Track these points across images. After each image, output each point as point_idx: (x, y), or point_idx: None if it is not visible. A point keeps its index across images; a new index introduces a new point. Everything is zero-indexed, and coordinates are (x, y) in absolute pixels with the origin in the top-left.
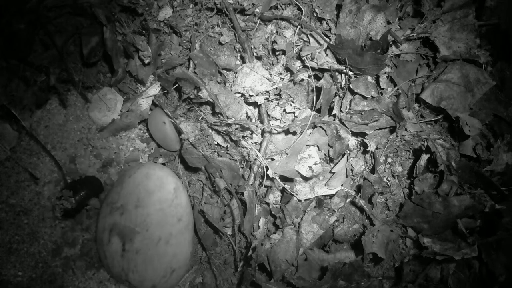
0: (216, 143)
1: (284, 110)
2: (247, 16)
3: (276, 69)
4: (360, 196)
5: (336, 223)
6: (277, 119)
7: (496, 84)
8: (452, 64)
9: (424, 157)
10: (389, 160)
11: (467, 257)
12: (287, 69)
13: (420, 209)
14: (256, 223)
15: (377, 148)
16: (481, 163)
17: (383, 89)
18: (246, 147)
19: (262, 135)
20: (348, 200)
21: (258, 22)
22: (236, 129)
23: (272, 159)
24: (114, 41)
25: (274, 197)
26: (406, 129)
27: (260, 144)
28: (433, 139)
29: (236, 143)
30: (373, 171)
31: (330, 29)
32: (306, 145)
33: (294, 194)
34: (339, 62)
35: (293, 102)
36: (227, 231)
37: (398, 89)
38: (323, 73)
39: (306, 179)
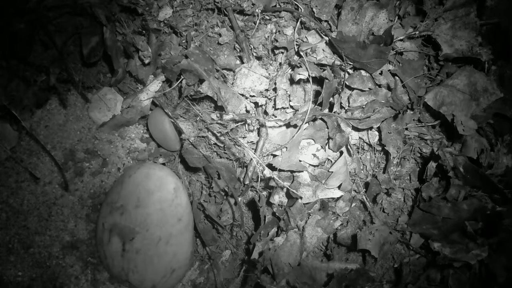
0: (213, 142)
1: (283, 107)
2: (247, 16)
3: (275, 67)
4: (365, 192)
5: (340, 227)
6: (276, 112)
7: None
8: (461, 70)
9: (432, 164)
10: (394, 162)
11: (479, 258)
12: (288, 65)
13: (429, 215)
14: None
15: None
16: (482, 166)
17: (380, 84)
18: (241, 145)
19: (258, 134)
20: (354, 204)
21: (258, 21)
22: (231, 130)
23: (274, 155)
24: (114, 41)
25: (279, 198)
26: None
27: (256, 143)
28: (442, 145)
29: (233, 141)
30: (384, 171)
31: (330, 28)
32: (303, 139)
33: (299, 195)
34: (340, 57)
35: (292, 97)
36: (227, 229)
37: (403, 85)
38: (322, 68)
39: (312, 173)
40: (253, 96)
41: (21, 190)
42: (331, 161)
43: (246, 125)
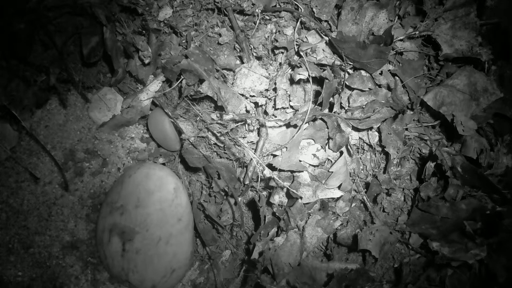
0: (213, 142)
1: (283, 107)
2: (247, 16)
3: (275, 67)
4: (365, 193)
5: (340, 227)
6: (276, 112)
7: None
8: (461, 70)
9: (430, 164)
10: (394, 162)
11: (478, 258)
12: (288, 65)
13: (428, 215)
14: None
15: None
16: (482, 166)
17: (379, 84)
18: (241, 145)
19: (258, 134)
20: (354, 204)
21: (258, 21)
22: (231, 130)
23: (274, 155)
24: (114, 41)
25: (279, 198)
26: (413, 114)
27: (256, 143)
28: (440, 144)
29: (233, 141)
30: (384, 171)
31: (330, 28)
32: (303, 139)
33: (299, 195)
34: (340, 57)
35: (292, 97)
36: (227, 229)
37: (403, 85)
38: (322, 68)
39: (312, 173)
40: (253, 96)
41: (21, 190)
42: (331, 161)
43: (246, 125)
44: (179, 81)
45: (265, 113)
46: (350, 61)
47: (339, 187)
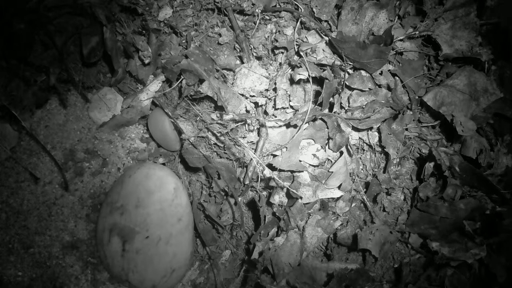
0: (213, 142)
1: (283, 107)
2: (247, 16)
3: (275, 67)
4: (365, 192)
5: (340, 227)
6: (276, 112)
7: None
8: (460, 70)
9: (429, 164)
10: (394, 161)
11: (478, 258)
12: (288, 65)
13: (427, 215)
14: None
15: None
16: (481, 166)
17: (380, 84)
18: (241, 145)
19: (258, 134)
20: (354, 204)
21: (258, 21)
22: (231, 130)
23: (274, 155)
24: (114, 41)
25: (279, 198)
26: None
27: (256, 143)
28: (439, 144)
29: (233, 141)
30: (384, 170)
31: (330, 28)
32: (303, 139)
33: (299, 195)
34: (340, 57)
35: (292, 97)
36: (227, 229)
37: (403, 85)
38: (322, 68)
39: (312, 173)
40: (253, 96)
41: (21, 190)
42: (331, 161)
43: (246, 125)
44: (179, 81)
45: (265, 113)
46: (350, 61)
47: (339, 187)
